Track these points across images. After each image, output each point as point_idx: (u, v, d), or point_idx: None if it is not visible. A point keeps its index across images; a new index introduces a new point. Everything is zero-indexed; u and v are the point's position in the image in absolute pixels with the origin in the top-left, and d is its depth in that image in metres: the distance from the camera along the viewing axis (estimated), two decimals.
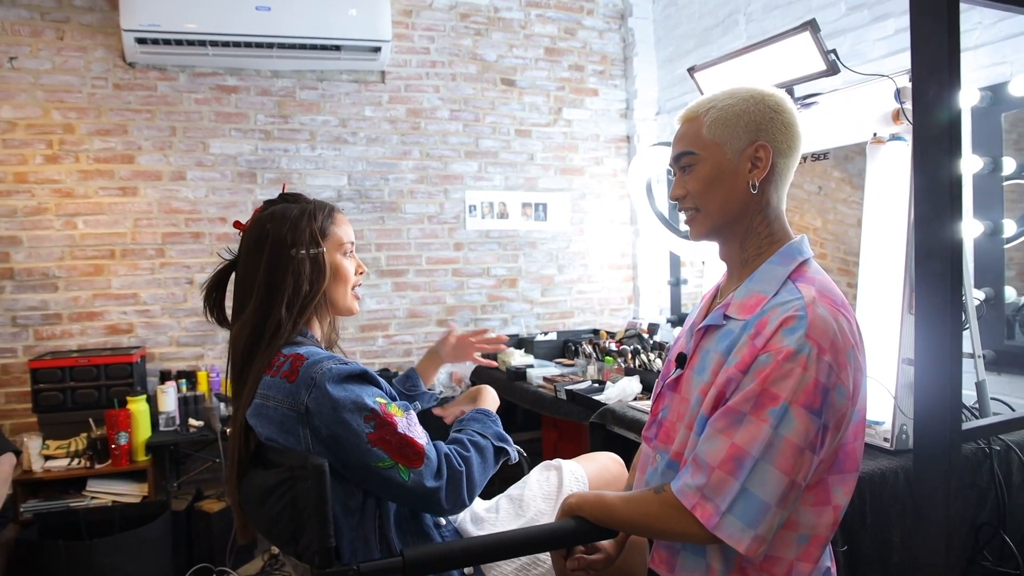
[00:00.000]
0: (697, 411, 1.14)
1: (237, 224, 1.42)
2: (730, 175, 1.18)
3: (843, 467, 1.12)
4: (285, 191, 1.45)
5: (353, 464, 1.20)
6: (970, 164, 2.26)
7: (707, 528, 1.05)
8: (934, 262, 1.00)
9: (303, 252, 1.32)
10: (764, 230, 1.20)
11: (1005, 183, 2.23)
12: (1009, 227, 2.19)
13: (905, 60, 2.66)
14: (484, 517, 1.42)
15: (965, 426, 1.03)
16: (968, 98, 2.27)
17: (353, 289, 1.42)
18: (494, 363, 3.24)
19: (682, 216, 1.26)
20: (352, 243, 1.41)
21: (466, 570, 1.28)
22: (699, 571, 1.16)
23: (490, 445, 1.34)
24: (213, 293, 1.42)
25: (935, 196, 0.99)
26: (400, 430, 1.21)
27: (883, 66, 2.63)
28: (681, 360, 1.25)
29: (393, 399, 1.28)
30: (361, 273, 1.44)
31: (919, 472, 1.03)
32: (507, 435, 1.39)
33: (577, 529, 1.21)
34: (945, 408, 1.00)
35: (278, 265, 1.31)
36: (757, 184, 1.18)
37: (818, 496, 1.11)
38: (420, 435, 1.25)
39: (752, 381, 1.06)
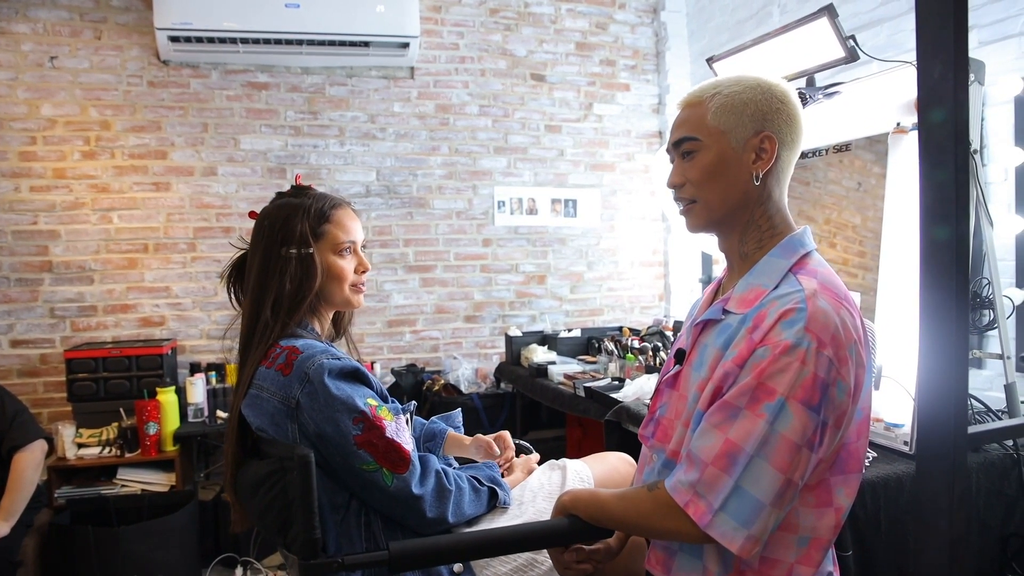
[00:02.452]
0: (695, 408, 1.11)
1: (252, 214, 1.43)
2: (733, 165, 1.13)
3: (845, 467, 1.07)
4: (298, 183, 1.45)
5: (337, 464, 1.20)
6: (1012, 157, 2.16)
7: (699, 526, 1.02)
8: (939, 255, 0.95)
9: (292, 251, 1.31)
10: (765, 223, 1.15)
11: None
12: None
13: None
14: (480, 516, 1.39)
15: (972, 430, 0.97)
16: (1011, 87, 2.17)
17: (354, 286, 1.40)
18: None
19: (677, 206, 1.21)
20: (353, 242, 1.38)
21: (456, 568, 1.26)
22: (695, 573, 1.12)
23: (485, 489, 1.36)
24: (231, 279, 1.44)
25: (940, 185, 0.94)
26: (388, 434, 1.20)
27: None
28: (680, 356, 1.21)
29: (384, 400, 1.27)
30: (363, 272, 1.41)
31: (921, 479, 0.98)
32: (503, 481, 1.41)
33: (570, 527, 1.18)
34: (949, 411, 0.95)
35: (268, 263, 1.32)
36: (760, 176, 1.13)
37: (819, 497, 1.07)
38: (407, 441, 1.24)
39: (748, 375, 1.02)
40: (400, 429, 1.23)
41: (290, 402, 1.20)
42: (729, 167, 1.13)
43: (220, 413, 3.07)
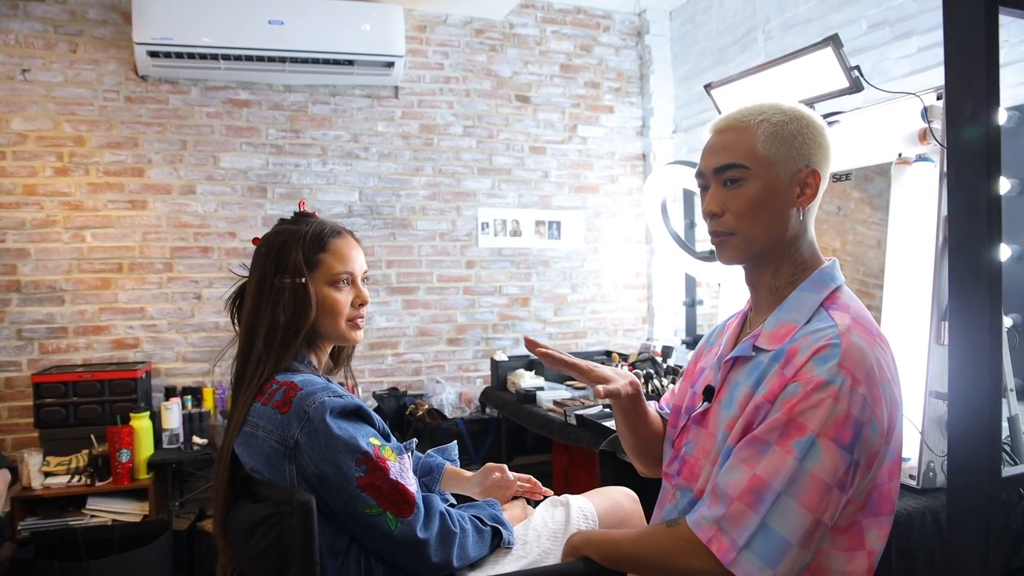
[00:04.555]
0: (723, 446, 1.07)
1: (255, 240, 1.37)
2: (779, 198, 1.09)
3: (877, 509, 1.04)
4: (303, 208, 1.39)
5: (338, 507, 1.13)
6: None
7: (723, 564, 0.98)
8: (970, 291, 0.92)
9: (286, 281, 1.25)
10: (799, 257, 1.13)
11: None
12: None
13: (928, 79, 2.59)
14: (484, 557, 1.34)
15: (1005, 473, 0.95)
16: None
17: (352, 320, 1.33)
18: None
19: (711, 236, 1.14)
20: (350, 273, 1.31)
21: None
22: None
23: (489, 529, 1.29)
24: (235, 306, 1.37)
25: (972, 220, 0.92)
26: (392, 476, 1.14)
27: (905, 85, 2.55)
28: (709, 393, 1.17)
29: (387, 438, 1.21)
30: (362, 305, 1.34)
31: (954, 523, 0.95)
32: (507, 520, 1.35)
33: (584, 571, 1.14)
34: (983, 454, 0.92)
35: (262, 292, 1.26)
36: (804, 212, 1.11)
37: (851, 540, 1.04)
38: (412, 482, 1.18)
39: (779, 411, 1.00)
40: (404, 470, 1.17)
41: (288, 442, 1.13)
42: (775, 200, 1.09)
43: (196, 439, 2.97)
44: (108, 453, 2.78)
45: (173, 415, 2.97)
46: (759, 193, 1.08)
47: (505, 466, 1.56)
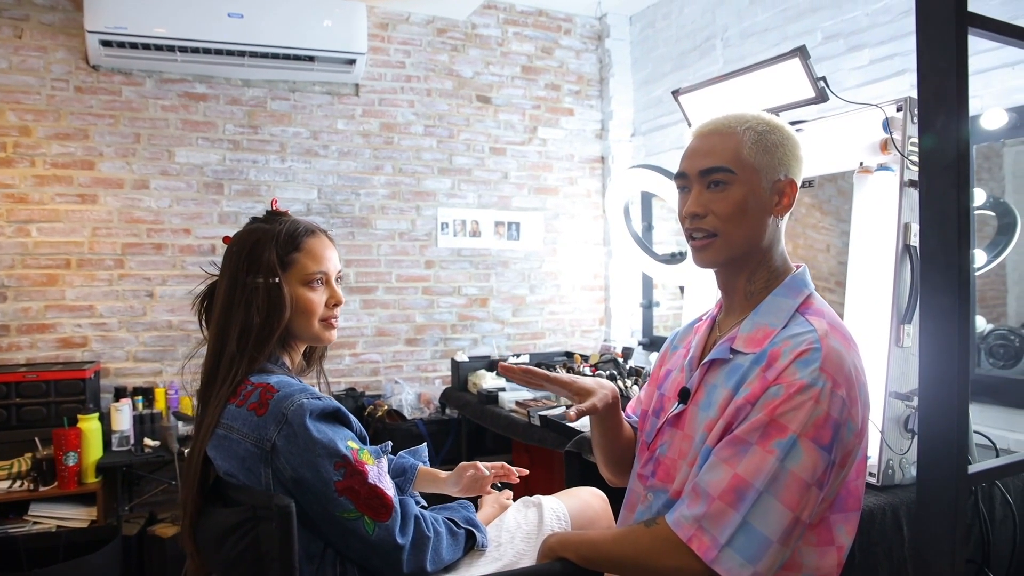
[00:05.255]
0: (702, 447, 1.10)
1: (226, 239, 1.34)
2: (761, 205, 1.13)
3: (845, 505, 1.08)
4: (274, 207, 1.37)
5: (315, 511, 1.12)
6: None
7: (704, 561, 1.00)
8: (941, 295, 0.96)
9: (259, 280, 1.23)
10: (772, 264, 1.17)
11: (976, 213, 2.25)
12: (979, 257, 2.20)
13: (879, 90, 2.69)
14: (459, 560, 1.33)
15: (971, 469, 0.99)
16: None
17: (325, 320, 1.31)
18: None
19: (690, 237, 1.17)
20: (324, 273, 1.30)
21: None
22: None
23: (463, 532, 1.29)
24: (203, 306, 1.34)
25: (943, 229, 0.96)
26: (370, 480, 1.13)
27: (858, 95, 2.64)
28: (684, 395, 1.19)
29: (364, 440, 1.20)
30: (336, 305, 1.32)
31: (923, 518, 0.99)
32: (480, 522, 1.35)
33: (562, 572, 1.14)
34: (952, 451, 0.96)
35: (234, 292, 1.23)
36: (782, 220, 1.15)
37: (820, 536, 1.07)
38: (389, 486, 1.17)
39: (760, 412, 1.03)
40: (382, 474, 1.16)
41: (265, 445, 1.11)
42: (757, 206, 1.12)
43: (148, 441, 2.88)
44: (53, 456, 2.68)
45: (123, 416, 2.88)
46: (743, 198, 1.12)
47: (478, 462, 1.57)
